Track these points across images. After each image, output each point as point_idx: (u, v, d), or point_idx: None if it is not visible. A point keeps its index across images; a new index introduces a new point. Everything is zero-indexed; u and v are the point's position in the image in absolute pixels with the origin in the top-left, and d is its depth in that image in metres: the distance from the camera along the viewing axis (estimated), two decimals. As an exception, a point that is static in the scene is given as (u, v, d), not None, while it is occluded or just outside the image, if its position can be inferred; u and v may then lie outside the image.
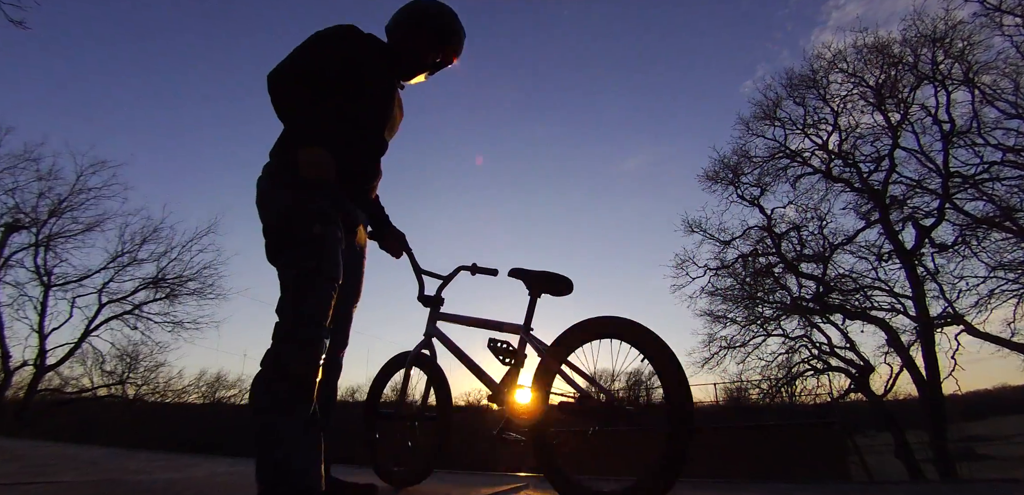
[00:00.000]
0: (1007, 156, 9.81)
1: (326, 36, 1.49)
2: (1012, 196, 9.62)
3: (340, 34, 1.51)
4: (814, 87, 12.52)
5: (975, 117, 10.24)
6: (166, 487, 1.99)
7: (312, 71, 1.43)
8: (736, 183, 13.40)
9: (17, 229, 13.14)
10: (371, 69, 1.54)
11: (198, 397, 16.16)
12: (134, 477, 2.30)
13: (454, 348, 2.01)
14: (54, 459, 3.02)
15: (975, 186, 10.07)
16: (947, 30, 10.39)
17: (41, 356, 13.29)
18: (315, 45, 1.46)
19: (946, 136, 10.67)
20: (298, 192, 1.34)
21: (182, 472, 2.64)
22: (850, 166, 12.19)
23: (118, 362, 14.51)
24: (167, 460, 3.55)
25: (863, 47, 11.74)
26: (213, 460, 3.71)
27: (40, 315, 13.42)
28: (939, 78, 10.71)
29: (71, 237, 13.68)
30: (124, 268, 14.22)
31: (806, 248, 12.61)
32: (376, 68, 1.56)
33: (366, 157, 1.59)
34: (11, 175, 12.96)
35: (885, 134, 11.62)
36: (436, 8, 1.70)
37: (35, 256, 13.49)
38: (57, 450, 3.96)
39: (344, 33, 1.52)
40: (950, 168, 10.53)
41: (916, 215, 10.87)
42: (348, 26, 1.55)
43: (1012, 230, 9.40)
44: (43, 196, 13.33)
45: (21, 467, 2.50)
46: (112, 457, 3.56)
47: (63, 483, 1.95)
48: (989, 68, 9.96)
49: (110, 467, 2.75)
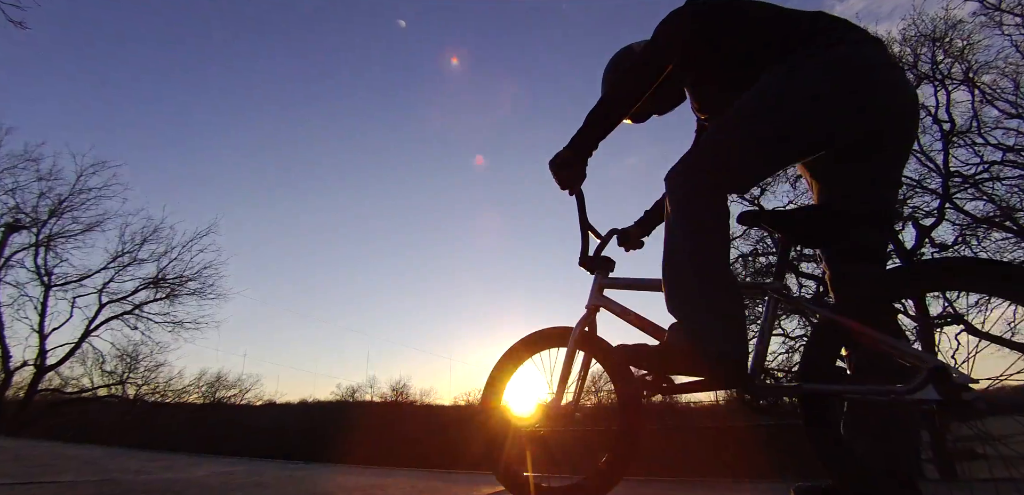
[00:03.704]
0: (1007, 156, 9.81)
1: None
2: (1012, 196, 9.62)
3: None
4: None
5: (975, 117, 10.24)
6: (166, 487, 1.99)
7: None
8: (736, 183, 13.41)
9: (17, 229, 13.16)
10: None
11: (198, 397, 16.19)
12: (134, 477, 2.30)
13: (643, 322, 1.51)
14: (54, 459, 3.02)
15: (975, 186, 10.06)
16: (947, 29, 10.39)
17: (41, 356, 13.32)
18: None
19: (946, 136, 10.67)
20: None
21: (182, 472, 2.64)
22: (850, 166, 12.20)
23: (118, 362, 14.55)
24: (167, 460, 3.55)
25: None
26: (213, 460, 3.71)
27: (40, 315, 13.46)
28: (939, 77, 10.70)
29: (71, 237, 13.73)
30: (124, 268, 14.28)
31: (806, 248, 12.61)
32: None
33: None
34: (11, 175, 13.00)
35: (885, 134, 11.63)
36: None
37: (35, 256, 13.52)
38: (57, 450, 3.96)
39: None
40: (950, 168, 10.53)
41: (916, 215, 10.87)
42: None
43: (1012, 230, 9.40)
44: (43, 196, 13.38)
45: (21, 467, 2.50)
46: (112, 457, 3.55)
47: (63, 483, 1.95)
48: (989, 68, 9.97)
49: (110, 467, 2.75)
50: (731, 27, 1.44)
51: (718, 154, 1.34)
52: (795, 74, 1.30)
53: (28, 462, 2.77)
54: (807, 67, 1.30)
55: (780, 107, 1.30)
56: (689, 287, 1.28)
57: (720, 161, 1.33)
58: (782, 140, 1.30)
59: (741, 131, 1.32)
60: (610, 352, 1.59)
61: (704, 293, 1.26)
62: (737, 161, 1.33)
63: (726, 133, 1.35)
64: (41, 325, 13.39)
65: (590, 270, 1.68)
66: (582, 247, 1.69)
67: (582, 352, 1.66)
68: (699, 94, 1.60)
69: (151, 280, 14.27)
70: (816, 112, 1.28)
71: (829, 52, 1.30)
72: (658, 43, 1.45)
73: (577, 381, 1.64)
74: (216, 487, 2.04)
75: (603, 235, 1.80)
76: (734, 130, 1.33)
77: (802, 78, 1.29)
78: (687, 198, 1.32)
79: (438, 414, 17.81)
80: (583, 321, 1.64)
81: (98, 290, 13.98)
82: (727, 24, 1.44)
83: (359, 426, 15.09)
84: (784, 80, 1.31)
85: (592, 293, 1.65)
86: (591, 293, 1.65)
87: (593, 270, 1.67)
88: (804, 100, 1.28)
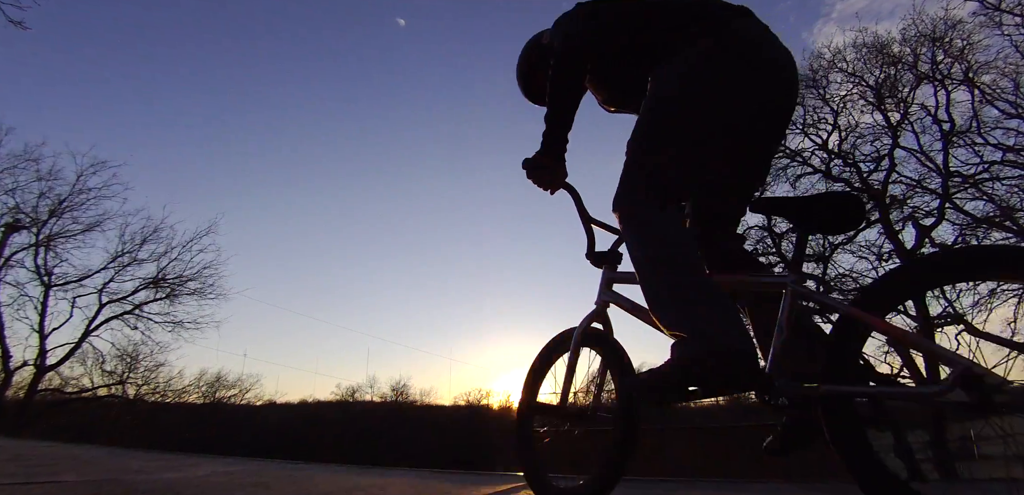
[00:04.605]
0: (1007, 156, 9.82)
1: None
2: (1012, 196, 9.62)
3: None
4: (814, 86, 12.53)
5: (975, 117, 10.25)
6: (166, 487, 1.99)
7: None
8: (736, 183, 13.43)
9: (17, 229, 13.17)
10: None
11: (198, 397, 16.21)
12: (135, 477, 2.30)
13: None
14: (54, 459, 3.02)
15: (975, 186, 10.07)
16: (947, 29, 10.40)
17: (41, 356, 13.32)
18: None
19: (946, 135, 10.67)
20: None
21: (182, 472, 2.64)
22: (850, 166, 12.20)
23: (118, 362, 14.55)
24: (167, 460, 3.55)
25: (863, 46, 11.76)
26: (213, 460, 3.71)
27: (40, 315, 13.46)
28: (939, 77, 10.71)
29: (71, 237, 13.73)
30: (124, 268, 14.27)
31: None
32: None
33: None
34: (11, 175, 13.00)
35: (885, 134, 11.63)
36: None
37: (35, 256, 13.52)
38: (57, 450, 3.96)
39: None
40: (950, 168, 10.53)
41: (916, 215, 10.87)
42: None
43: (1012, 230, 9.40)
44: (43, 196, 13.38)
45: (21, 467, 2.50)
46: (112, 457, 3.56)
47: (63, 483, 1.95)
48: (989, 67, 9.97)
49: (110, 467, 2.75)
50: (623, 21, 1.47)
51: (645, 170, 1.33)
52: (692, 62, 1.33)
53: (28, 462, 2.77)
54: (702, 53, 1.32)
55: (687, 100, 1.32)
56: (668, 298, 1.23)
57: (652, 178, 1.31)
58: (697, 130, 1.32)
59: (658, 139, 1.33)
60: (619, 353, 1.56)
61: (685, 296, 1.20)
62: (667, 171, 1.32)
63: (644, 144, 1.35)
64: (41, 325, 13.40)
65: (596, 264, 1.63)
66: (588, 242, 1.66)
67: (593, 352, 1.62)
68: (602, 88, 1.63)
69: (151, 280, 14.28)
70: (720, 94, 1.31)
71: (721, 33, 1.33)
72: (557, 52, 1.49)
73: (596, 382, 1.60)
74: (217, 487, 2.04)
75: (613, 227, 1.71)
76: (652, 140, 1.34)
77: (700, 65, 1.32)
78: (636, 219, 1.30)
79: (438, 414, 17.82)
80: (589, 318, 1.60)
81: (98, 290, 13.99)
82: (619, 18, 1.47)
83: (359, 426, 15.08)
84: (685, 71, 1.33)
85: (600, 288, 1.61)
86: (599, 288, 1.61)
87: (599, 264, 1.62)
88: (707, 85, 1.31)
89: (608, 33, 1.48)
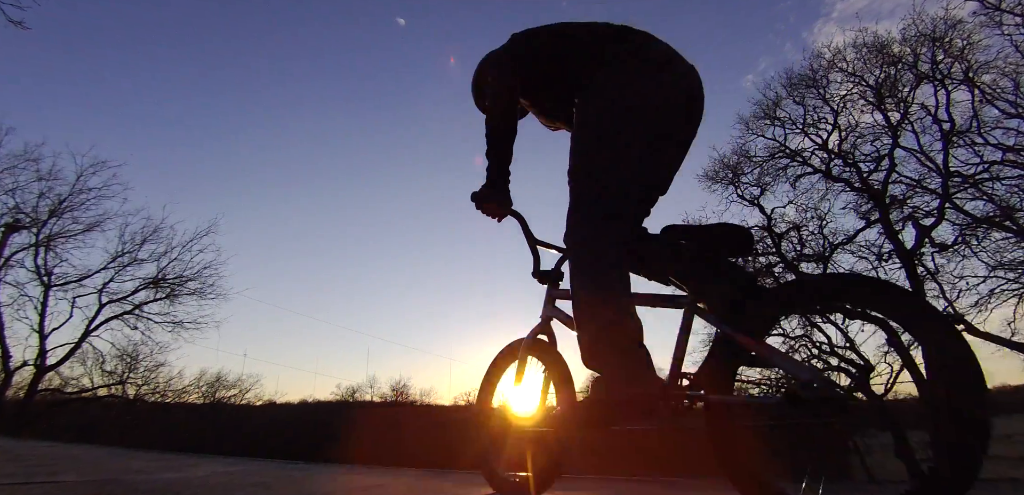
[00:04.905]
0: (1007, 156, 9.81)
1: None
2: (1012, 196, 9.63)
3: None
4: (814, 86, 12.52)
5: (975, 116, 10.25)
6: (166, 487, 1.99)
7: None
8: (736, 183, 13.40)
9: (17, 229, 13.15)
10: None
11: (198, 397, 16.17)
12: (135, 477, 2.30)
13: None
14: (54, 459, 3.02)
15: (975, 186, 10.07)
16: (947, 29, 10.40)
17: (41, 356, 13.31)
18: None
19: (946, 135, 10.67)
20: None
21: (182, 472, 2.64)
22: (850, 166, 12.20)
23: (118, 362, 14.54)
24: (167, 460, 3.55)
25: (863, 46, 11.76)
26: (213, 460, 3.71)
27: (40, 315, 13.44)
28: (939, 77, 10.71)
29: (71, 237, 13.70)
30: (124, 268, 14.24)
31: (806, 248, 12.60)
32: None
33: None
34: (11, 175, 12.97)
35: (885, 133, 11.63)
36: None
37: (35, 256, 13.50)
38: (57, 450, 3.96)
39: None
40: (950, 167, 10.53)
41: (916, 215, 10.87)
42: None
43: (1012, 230, 9.40)
44: (43, 196, 13.34)
45: (21, 467, 2.50)
46: (113, 457, 3.56)
47: (63, 483, 1.95)
48: (989, 67, 9.97)
49: (111, 467, 2.75)
50: (547, 51, 1.62)
51: (587, 200, 1.44)
52: (616, 79, 1.46)
53: (28, 462, 2.77)
54: (627, 68, 1.47)
55: (615, 117, 1.43)
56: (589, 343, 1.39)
57: (596, 207, 1.42)
58: (628, 143, 1.43)
59: (595, 165, 1.44)
60: (560, 364, 1.74)
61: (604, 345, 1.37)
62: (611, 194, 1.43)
63: (583, 175, 1.46)
64: (41, 325, 13.39)
65: (542, 282, 1.81)
66: (534, 262, 1.83)
67: (536, 361, 1.81)
68: (540, 112, 1.78)
69: (151, 280, 14.26)
70: (645, 101, 1.44)
71: (639, 50, 1.49)
72: (490, 96, 1.64)
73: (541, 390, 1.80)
74: (217, 487, 2.04)
75: (558, 247, 1.89)
76: (588, 168, 1.45)
77: (624, 79, 1.46)
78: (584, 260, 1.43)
79: (438, 414, 17.80)
80: (535, 330, 1.79)
81: (98, 290, 13.97)
82: (543, 48, 1.63)
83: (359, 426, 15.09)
84: (609, 92, 1.46)
85: (545, 304, 1.79)
86: (544, 304, 1.79)
87: (544, 282, 1.80)
88: (635, 96, 1.44)
89: (533, 65, 1.62)
